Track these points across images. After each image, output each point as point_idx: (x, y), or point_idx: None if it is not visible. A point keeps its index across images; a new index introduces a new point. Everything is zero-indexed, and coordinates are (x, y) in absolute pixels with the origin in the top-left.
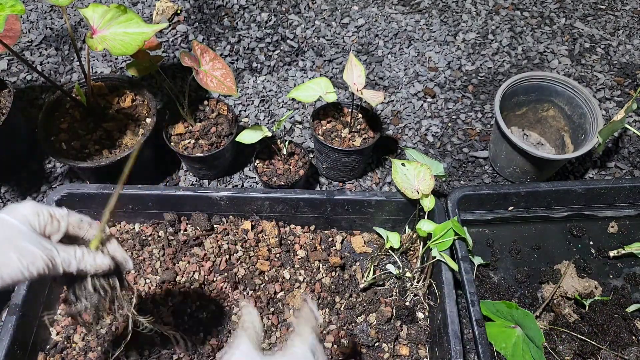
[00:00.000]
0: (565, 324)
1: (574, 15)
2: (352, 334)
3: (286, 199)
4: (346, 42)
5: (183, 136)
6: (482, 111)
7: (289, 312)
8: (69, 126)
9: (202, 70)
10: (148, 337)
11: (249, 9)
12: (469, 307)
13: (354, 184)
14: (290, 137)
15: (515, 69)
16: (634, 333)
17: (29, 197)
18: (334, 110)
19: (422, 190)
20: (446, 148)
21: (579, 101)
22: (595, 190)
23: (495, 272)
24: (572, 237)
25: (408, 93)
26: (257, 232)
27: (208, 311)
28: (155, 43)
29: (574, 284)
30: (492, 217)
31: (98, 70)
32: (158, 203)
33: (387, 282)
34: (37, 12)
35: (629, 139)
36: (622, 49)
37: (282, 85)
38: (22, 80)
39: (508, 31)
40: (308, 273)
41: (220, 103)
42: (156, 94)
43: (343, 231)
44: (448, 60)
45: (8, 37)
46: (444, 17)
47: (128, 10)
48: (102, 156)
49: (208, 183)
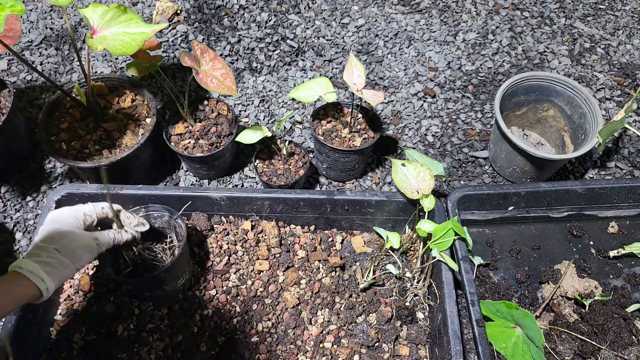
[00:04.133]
0: (565, 324)
1: (574, 15)
2: (352, 334)
3: (286, 199)
4: (346, 42)
5: (183, 136)
6: (482, 111)
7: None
8: (69, 126)
9: (202, 70)
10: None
11: (249, 9)
12: (469, 307)
13: (354, 184)
14: (290, 137)
15: (515, 69)
16: (634, 333)
17: (29, 197)
18: (334, 110)
19: (422, 190)
20: (446, 148)
21: (579, 101)
22: (595, 190)
23: (495, 272)
24: (572, 237)
25: (408, 93)
26: (257, 232)
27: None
28: (155, 43)
29: (574, 284)
30: (492, 217)
31: (98, 70)
32: (158, 203)
33: (387, 282)
34: (37, 12)
35: (629, 139)
36: (622, 49)
37: (282, 85)
38: (22, 80)
39: (508, 31)
40: (308, 273)
41: (220, 103)
42: (156, 94)
43: (343, 231)
44: (448, 60)
45: (8, 37)
46: (444, 17)
47: (128, 10)
48: (102, 156)
49: (208, 183)
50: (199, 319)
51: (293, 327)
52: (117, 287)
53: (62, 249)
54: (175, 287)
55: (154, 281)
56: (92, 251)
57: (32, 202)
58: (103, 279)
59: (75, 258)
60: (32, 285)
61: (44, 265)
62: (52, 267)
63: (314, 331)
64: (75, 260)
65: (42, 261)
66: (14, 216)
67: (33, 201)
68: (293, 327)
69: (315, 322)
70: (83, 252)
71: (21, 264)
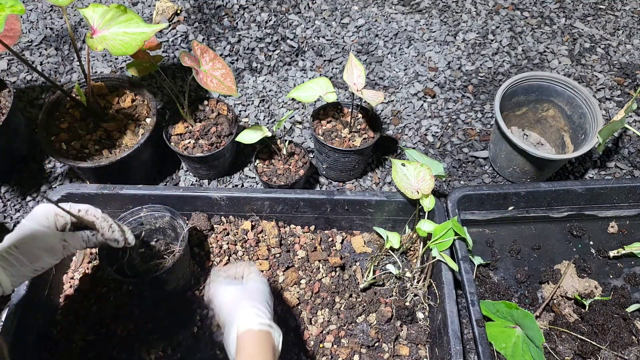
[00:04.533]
0: (565, 324)
1: (574, 15)
2: (352, 334)
3: (286, 199)
4: (346, 42)
5: (183, 136)
6: (482, 111)
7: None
8: (69, 126)
9: (202, 70)
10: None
11: (249, 9)
12: (469, 307)
13: (354, 184)
14: (290, 137)
15: (515, 69)
16: (634, 333)
17: (29, 197)
18: (334, 110)
19: (422, 190)
20: (446, 148)
21: (579, 101)
22: (595, 190)
23: (495, 272)
24: (572, 237)
25: (408, 93)
26: (257, 232)
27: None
28: (155, 43)
29: (574, 284)
30: (492, 217)
31: (98, 70)
32: (158, 203)
33: (387, 282)
34: (37, 12)
35: (629, 139)
36: (622, 49)
37: (282, 85)
38: (22, 80)
39: (508, 31)
40: (308, 273)
41: (220, 103)
42: (156, 94)
43: (343, 231)
44: (448, 60)
45: (8, 37)
46: (444, 17)
47: (128, 10)
48: (102, 156)
49: (208, 183)
50: (198, 319)
51: (293, 327)
52: (117, 287)
53: (21, 246)
54: (176, 287)
55: (155, 282)
56: (55, 252)
57: (32, 202)
58: (103, 279)
59: (32, 257)
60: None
61: (2, 261)
62: (8, 263)
63: (314, 331)
64: (32, 259)
65: (2, 257)
66: (14, 216)
67: (33, 201)
68: (293, 327)
69: (315, 322)
70: (42, 252)
71: None
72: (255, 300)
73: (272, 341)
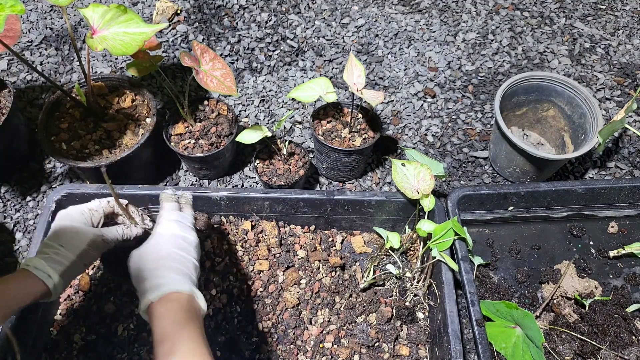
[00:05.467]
0: (565, 324)
1: (574, 15)
2: (352, 334)
3: (286, 199)
4: (346, 42)
5: (183, 136)
6: (482, 111)
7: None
8: (69, 126)
9: (202, 70)
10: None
11: (249, 9)
12: (469, 307)
13: (354, 184)
14: (290, 137)
15: (515, 69)
16: (634, 333)
17: (29, 197)
18: (334, 110)
19: (422, 190)
20: (446, 148)
21: (579, 101)
22: (595, 190)
23: (495, 272)
24: (572, 237)
25: (408, 93)
26: (257, 232)
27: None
28: (155, 43)
29: (574, 284)
30: (492, 217)
31: (98, 70)
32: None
33: (387, 282)
34: (37, 12)
35: (629, 139)
36: (622, 49)
37: (282, 85)
38: (22, 80)
39: (508, 31)
40: (308, 273)
41: (220, 103)
42: (156, 94)
43: (343, 231)
44: (448, 60)
45: (8, 37)
46: (444, 17)
47: (128, 10)
48: (102, 156)
49: (208, 183)
50: None
51: (293, 327)
52: (117, 287)
53: (67, 244)
54: None
55: None
56: (97, 247)
57: (32, 202)
58: (103, 279)
59: (80, 253)
60: (38, 282)
61: (49, 262)
62: (58, 263)
63: (314, 331)
64: (81, 255)
65: (48, 257)
66: (14, 216)
67: (33, 201)
68: (293, 327)
69: (315, 322)
70: (88, 248)
71: (28, 262)
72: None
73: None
